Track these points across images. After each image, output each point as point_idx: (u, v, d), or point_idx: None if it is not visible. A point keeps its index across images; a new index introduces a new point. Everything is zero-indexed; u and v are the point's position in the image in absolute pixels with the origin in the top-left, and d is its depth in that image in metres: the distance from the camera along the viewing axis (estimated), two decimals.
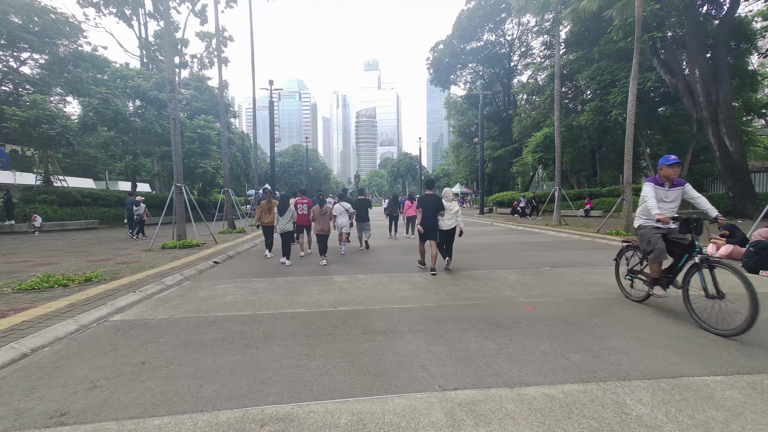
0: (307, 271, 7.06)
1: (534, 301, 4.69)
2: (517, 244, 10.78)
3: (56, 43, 21.70)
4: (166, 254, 8.93)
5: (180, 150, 10.03)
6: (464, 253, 9.03)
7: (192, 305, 4.72)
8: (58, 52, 21.55)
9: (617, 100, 19.54)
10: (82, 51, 22.33)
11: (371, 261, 8.12)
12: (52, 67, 20.92)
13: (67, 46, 22.16)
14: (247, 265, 7.82)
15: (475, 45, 38.03)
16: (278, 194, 10.61)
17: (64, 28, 22.00)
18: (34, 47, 20.48)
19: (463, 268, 7.01)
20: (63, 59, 21.30)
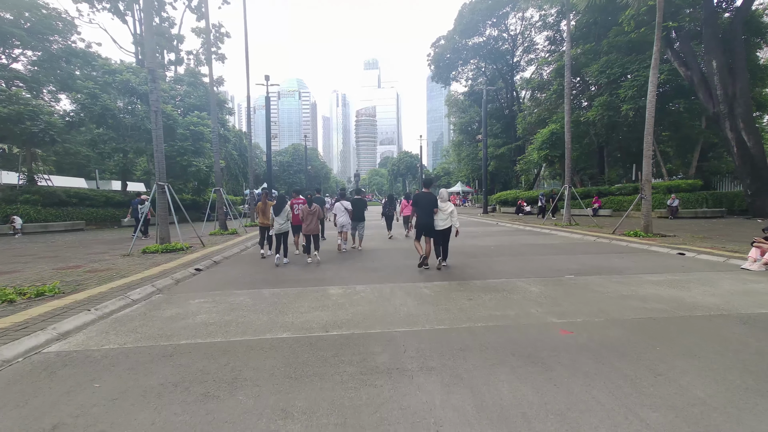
0: (298, 279, 6.24)
1: (568, 322, 3.86)
2: (529, 246, 9.95)
3: (48, 40, 20.89)
4: (145, 260, 8.11)
5: (162, 145, 9.21)
6: (473, 257, 8.21)
7: (153, 329, 3.89)
8: (51, 48, 20.73)
9: (628, 94, 18.70)
10: (75, 47, 21.48)
11: (371, 267, 7.29)
12: (44, 63, 20.07)
13: (60, 43, 21.34)
14: (232, 273, 7.00)
15: (477, 40, 37.15)
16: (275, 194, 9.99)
17: (57, 23, 21.18)
18: (24, 43, 19.66)
19: (474, 276, 6.19)
20: (55, 56, 20.47)
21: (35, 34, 19.84)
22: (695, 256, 7.68)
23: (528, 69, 38.97)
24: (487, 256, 8.34)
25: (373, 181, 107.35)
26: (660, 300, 4.59)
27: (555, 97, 23.45)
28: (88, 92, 17.50)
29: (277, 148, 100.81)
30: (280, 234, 7.94)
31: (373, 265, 7.56)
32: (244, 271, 7.14)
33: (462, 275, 6.33)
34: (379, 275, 6.49)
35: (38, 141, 15.92)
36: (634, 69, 18.83)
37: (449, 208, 6.92)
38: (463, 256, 8.35)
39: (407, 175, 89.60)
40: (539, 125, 26.52)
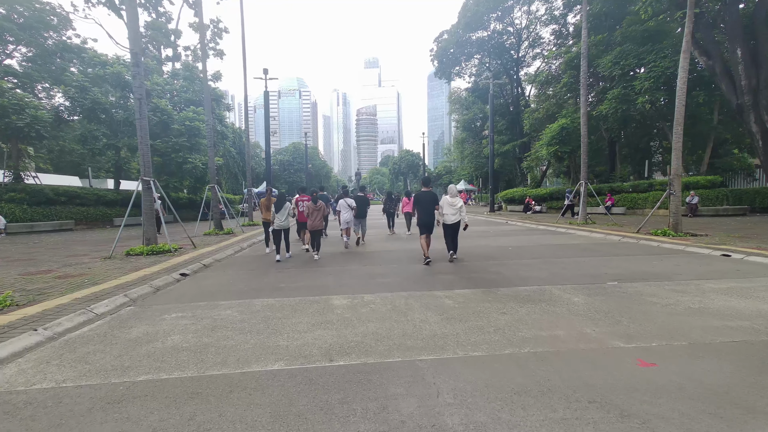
0: (296, 287, 5.39)
1: (641, 348, 3.01)
2: (550, 247, 9.09)
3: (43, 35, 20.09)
4: (126, 263, 7.28)
5: (147, 137, 8.36)
6: (492, 259, 7.35)
7: (109, 356, 3.05)
8: (45, 44, 19.93)
9: (645, 86, 17.80)
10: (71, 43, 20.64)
11: (379, 271, 6.45)
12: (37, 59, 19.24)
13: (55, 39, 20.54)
14: (222, 279, 6.16)
15: (481, 35, 36.19)
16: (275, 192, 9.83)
17: (51, 18, 20.39)
18: (18, 39, 18.87)
19: (500, 282, 5.34)
20: (49, 51, 19.65)
21: (29, 29, 19.07)
22: (744, 258, 6.81)
23: (533, 64, 38.06)
24: (507, 258, 7.49)
25: (374, 180, 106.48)
26: (741, 315, 3.73)
27: (565, 90, 22.55)
28: (77, 85, 16.68)
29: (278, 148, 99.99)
30: (280, 230, 7.97)
31: (381, 269, 6.70)
32: (235, 277, 6.30)
33: (485, 281, 5.48)
34: (388, 281, 5.65)
35: (24, 136, 15.10)
36: (651, 60, 17.92)
37: (459, 203, 7.13)
38: (481, 259, 7.49)
39: (408, 173, 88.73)
40: (547, 120, 25.62)
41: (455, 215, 7.10)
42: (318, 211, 8.02)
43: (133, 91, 8.17)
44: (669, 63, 17.33)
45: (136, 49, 7.94)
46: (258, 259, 8.21)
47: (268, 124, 22.62)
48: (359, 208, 10.04)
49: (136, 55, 7.95)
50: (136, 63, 8.02)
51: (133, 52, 8.02)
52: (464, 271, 6.26)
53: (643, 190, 20.51)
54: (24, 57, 20.14)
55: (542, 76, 24.20)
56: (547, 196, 25.57)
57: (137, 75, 8.10)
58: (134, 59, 8.00)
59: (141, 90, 8.20)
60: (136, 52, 7.94)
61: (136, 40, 8.03)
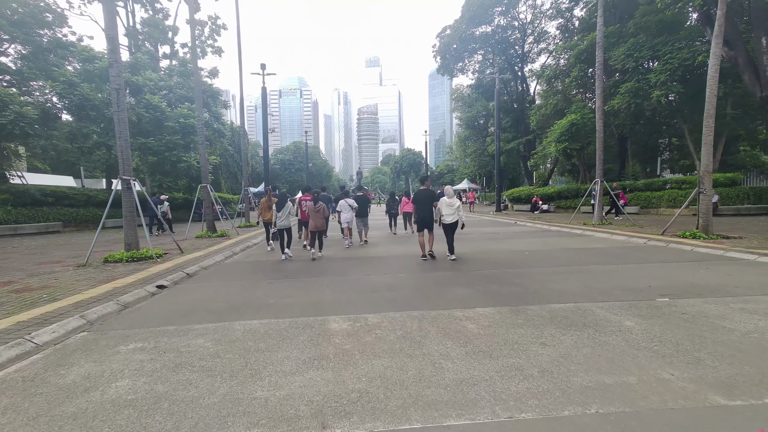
0: (288, 303, 4.58)
1: (755, 408, 2.18)
2: (570, 252, 8.26)
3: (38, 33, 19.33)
4: (100, 273, 6.49)
5: (126, 131, 7.57)
6: (510, 267, 6.52)
7: (19, 421, 2.24)
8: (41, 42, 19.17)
9: (660, 79, 16.90)
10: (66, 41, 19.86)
11: (384, 282, 5.63)
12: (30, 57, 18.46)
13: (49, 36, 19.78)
14: (203, 292, 5.35)
15: (485, 30, 35.29)
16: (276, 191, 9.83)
17: (46, 16, 19.64)
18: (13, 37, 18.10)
19: (527, 298, 4.51)
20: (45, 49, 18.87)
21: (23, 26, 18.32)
22: None
23: (538, 60, 37.16)
24: (527, 265, 6.66)
25: (376, 179, 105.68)
26: None
27: (575, 85, 21.66)
28: (65, 81, 15.91)
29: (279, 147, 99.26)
30: (282, 230, 8.10)
31: (386, 279, 5.88)
32: (220, 289, 5.49)
33: (509, 296, 4.66)
34: (395, 295, 4.83)
35: (7, 134, 14.33)
36: (667, 51, 17.02)
37: (456, 203, 7.38)
38: (498, 266, 6.66)
39: (410, 172, 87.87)
40: (555, 117, 24.72)
41: (453, 215, 7.35)
42: (318, 212, 8.12)
43: (110, 80, 7.37)
44: (686, 54, 16.45)
45: (112, 33, 7.13)
46: (249, 266, 7.41)
47: (266, 121, 21.84)
48: (360, 208, 10.25)
49: (112, 40, 7.14)
50: (113, 48, 7.21)
51: (108, 36, 7.21)
52: (482, 282, 5.44)
53: (657, 189, 19.66)
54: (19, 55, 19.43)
55: (550, 70, 23.31)
56: (555, 195, 24.70)
57: (114, 62, 7.30)
58: (110, 44, 7.19)
59: (118, 79, 7.39)
60: (112, 36, 7.13)
61: (112, 21, 7.21)
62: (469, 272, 6.27)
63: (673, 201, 18.36)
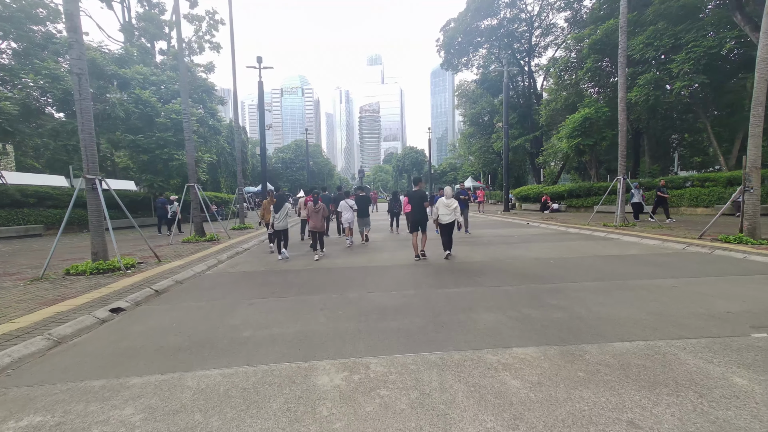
0: (270, 335, 3.53)
1: None
2: (603, 260, 7.18)
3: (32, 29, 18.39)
4: (54, 289, 5.48)
5: (91, 123, 6.56)
6: (541, 281, 5.44)
7: None
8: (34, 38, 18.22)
9: (683, 69, 15.77)
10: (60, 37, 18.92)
11: (388, 302, 4.57)
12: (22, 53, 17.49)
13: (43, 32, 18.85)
14: (166, 318, 4.31)
15: (490, 22, 34.09)
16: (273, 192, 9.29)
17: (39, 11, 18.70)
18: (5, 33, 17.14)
19: (579, 331, 3.44)
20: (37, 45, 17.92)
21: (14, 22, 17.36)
22: None
23: (545, 54, 35.97)
24: (559, 279, 5.58)
25: (378, 177, 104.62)
26: None
27: (589, 77, 20.49)
28: (47, 74, 14.92)
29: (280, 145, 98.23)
30: (280, 231, 8.08)
31: (392, 299, 4.82)
32: (186, 314, 4.45)
33: (552, 326, 3.59)
34: (405, 325, 3.77)
35: None
36: (690, 39, 15.86)
37: (453, 204, 7.48)
38: (524, 279, 5.59)
39: (412, 170, 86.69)
40: (566, 112, 23.57)
41: (450, 215, 7.47)
42: (318, 212, 8.13)
43: (71, 64, 6.34)
44: (712, 42, 15.30)
45: (71, 8, 6.09)
46: (232, 279, 6.37)
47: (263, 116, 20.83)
48: (361, 208, 10.28)
49: (72, 17, 6.10)
50: (72, 27, 6.17)
51: (68, 12, 6.16)
52: (511, 303, 4.38)
53: (676, 187, 18.48)
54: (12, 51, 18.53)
55: (562, 62, 22.14)
56: (565, 193, 23.53)
57: (75, 43, 6.26)
58: (69, 21, 6.15)
59: (80, 63, 6.36)
60: (71, 12, 6.08)
61: None
62: (491, 287, 5.21)
63: (695, 200, 17.22)
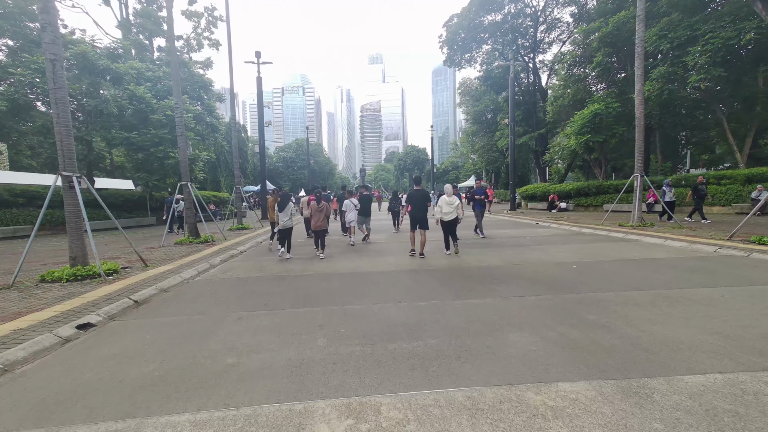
0: (257, 368, 2.91)
1: None
2: (631, 265, 6.53)
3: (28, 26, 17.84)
4: (21, 299, 4.87)
5: (68, 115, 5.95)
6: (569, 291, 4.79)
7: None
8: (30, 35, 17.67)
9: (700, 61, 15.04)
10: None
11: (398, 317, 3.94)
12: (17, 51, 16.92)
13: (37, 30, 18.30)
14: (139, 337, 3.69)
15: (494, 18, 33.36)
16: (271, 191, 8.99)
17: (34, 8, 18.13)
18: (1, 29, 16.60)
19: (636, 360, 2.80)
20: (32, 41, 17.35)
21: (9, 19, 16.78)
22: None
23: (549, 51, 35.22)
24: (589, 288, 4.94)
25: (379, 176, 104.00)
26: None
27: (599, 71, 19.77)
28: (36, 68, 14.33)
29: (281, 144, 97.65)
30: (284, 230, 8.08)
31: (402, 312, 4.19)
32: (163, 332, 3.82)
33: (600, 350, 2.95)
34: (420, 348, 3.13)
35: None
36: (708, 30, 15.14)
37: (455, 202, 7.72)
38: (549, 288, 4.95)
39: (414, 169, 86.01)
40: (574, 107, 22.87)
41: (452, 213, 7.73)
42: (320, 211, 8.18)
43: (44, 49, 5.72)
44: (731, 32, 14.58)
45: None
46: (223, 287, 5.74)
47: (262, 113, 20.27)
48: (363, 208, 10.34)
49: None
50: (45, 8, 5.55)
51: None
52: (543, 319, 3.74)
53: (690, 185, 17.77)
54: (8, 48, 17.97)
55: (570, 56, 21.42)
56: (573, 192, 22.87)
57: (48, 25, 5.65)
58: (41, 2, 5.53)
59: (55, 47, 5.75)
60: None
61: None
62: (513, 298, 4.58)
63: (710, 198, 16.52)
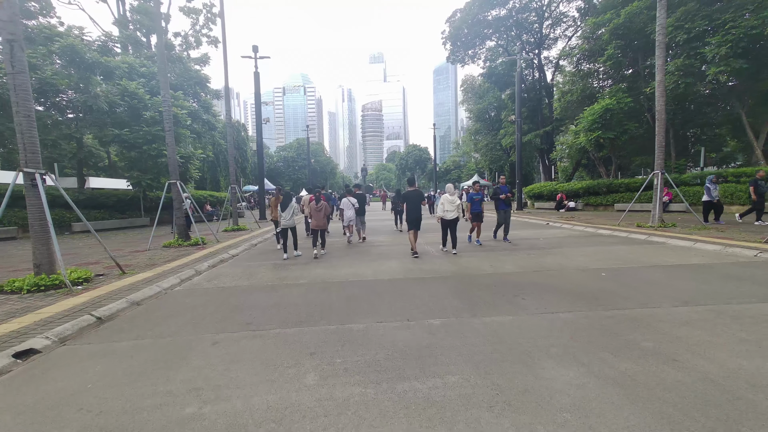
0: (220, 421, 2.20)
1: None
2: (666, 272, 5.78)
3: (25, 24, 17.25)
4: None
5: (30, 104, 5.25)
6: (608, 305, 4.04)
7: None
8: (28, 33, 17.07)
9: (719, 52, 14.24)
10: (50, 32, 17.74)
11: (411, 340, 3.21)
12: None
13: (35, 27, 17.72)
14: (89, 368, 2.98)
15: (498, 12, 32.58)
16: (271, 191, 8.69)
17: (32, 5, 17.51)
18: None
19: (727, 418, 2.07)
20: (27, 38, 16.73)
21: None
22: None
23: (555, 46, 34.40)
24: (631, 302, 4.19)
25: (381, 176, 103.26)
26: None
27: (611, 64, 18.98)
28: None
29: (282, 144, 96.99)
30: (287, 229, 8.20)
31: (411, 338, 3.45)
32: (114, 369, 3.10)
33: (678, 400, 2.21)
34: (437, 394, 2.40)
35: None
36: (728, 19, 14.34)
37: (457, 201, 7.86)
38: (581, 299, 4.20)
39: (416, 168, 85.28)
40: (583, 103, 22.09)
41: (454, 212, 7.81)
42: (319, 211, 8.22)
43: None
44: (753, 21, 13.78)
45: None
46: (203, 300, 5.02)
47: (260, 108, 19.59)
48: (359, 206, 10.35)
49: None
50: None
51: None
52: (585, 346, 3.01)
53: None
54: None
55: (580, 49, 20.63)
56: (582, 191, 22.09)
57: (5, 2, 4.93)
58: None
59: (13, 26, 5.04)
60: None
61: None
62: (542, 315, 3.85)
63: (729, 197, 15.73)
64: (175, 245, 9.85)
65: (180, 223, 10.20)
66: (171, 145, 9.76)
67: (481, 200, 9.35)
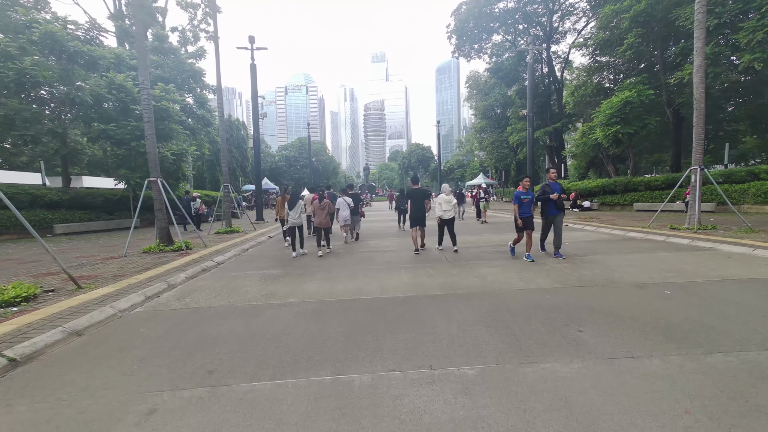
0: None
1: None
2: (745, 288, 4.65)
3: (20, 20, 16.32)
4: None
5: None
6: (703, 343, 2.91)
7: None
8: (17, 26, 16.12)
9: (755, 38, 13.07)
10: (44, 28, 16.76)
11: (435, 410, 2.12)
12: None
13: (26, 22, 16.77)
14: None
15: (505, 5, 31.43)
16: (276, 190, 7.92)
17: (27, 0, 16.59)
18: None
19: None
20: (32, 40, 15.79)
21: None
22: None
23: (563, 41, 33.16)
24: (735, 341, 3.06)
25: (383, 175, 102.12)
26: None
27: (631, 54, 17.78)
28: None
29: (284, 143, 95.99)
30: (294, 227, 8.30)
31: (439, 404, 2.34)
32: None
33: None
34: None
35: None
36: (765, 2, 13.14)
37: (453, 201, 8.12)
38: (662, 336, 3.08)
39: (418, 167, 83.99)
40: (596, 98, 20.91)
41: (451, 211, 7.98)
42: (323, 209, 8.28)
43: None
44: None
45: None
46: (163, 330, 3.92)
47: (256, 102, 18.54)
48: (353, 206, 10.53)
49: None
50: None
51: None
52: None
53: (737, 181, 15.80)
54: None
55: (597, 39, 19.41)
56: (598, 190, 20.92)
57: None
58: None
59: None
60: None
61: None
62: (622, 362, 2.73)
63: (762, 196, 14.55)
64: (155, 251, 8.78)
65: (161, 225, 9.12)
66: (151, 138, 8.68)
67: (531, 201, 7.12)
